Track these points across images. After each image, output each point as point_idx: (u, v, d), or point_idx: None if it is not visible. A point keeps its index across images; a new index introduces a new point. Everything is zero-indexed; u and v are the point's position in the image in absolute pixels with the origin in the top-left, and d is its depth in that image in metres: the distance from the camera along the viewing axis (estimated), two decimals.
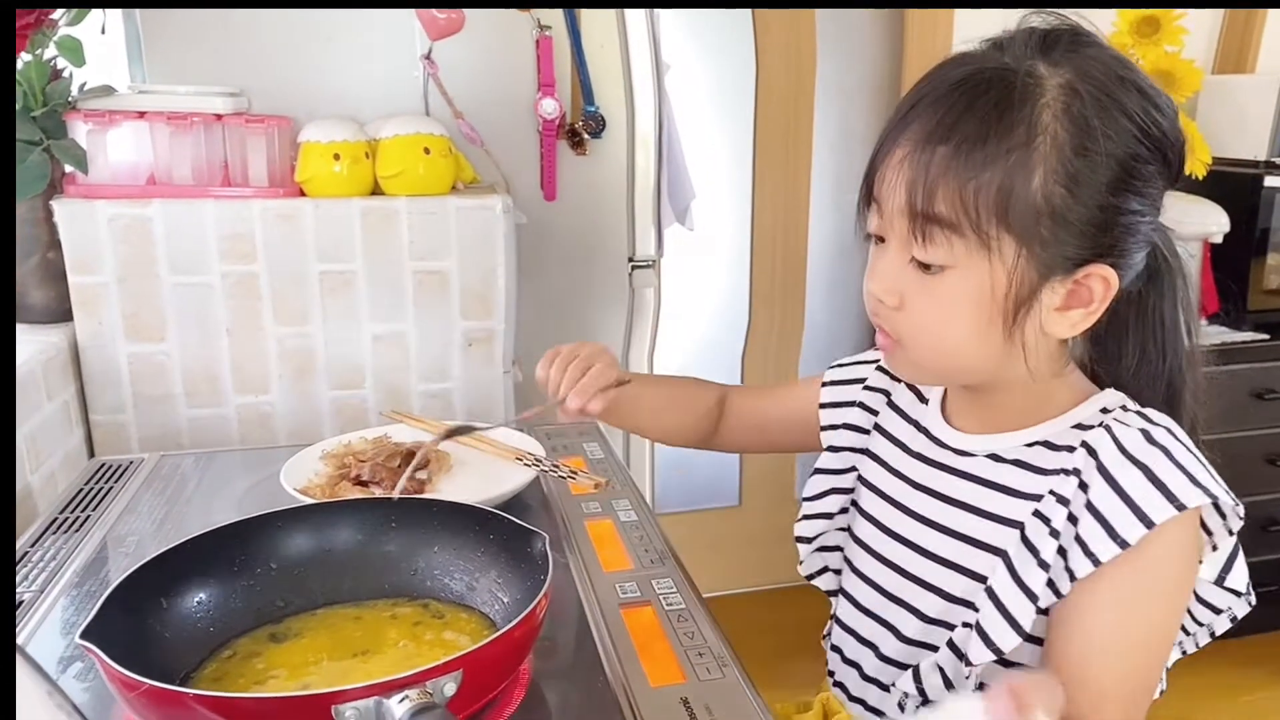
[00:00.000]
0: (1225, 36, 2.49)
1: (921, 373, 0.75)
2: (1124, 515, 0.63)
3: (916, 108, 0.66)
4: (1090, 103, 0.63)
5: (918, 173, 0.64)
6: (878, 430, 0.85)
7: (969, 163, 0.62)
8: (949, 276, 0.66)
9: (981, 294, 0.65)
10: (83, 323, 1.30)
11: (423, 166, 1.39)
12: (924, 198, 0.64)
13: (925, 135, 0.64)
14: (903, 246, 0.67)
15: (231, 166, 1.36)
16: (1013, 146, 0.62)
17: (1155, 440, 0.65)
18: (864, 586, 0.82)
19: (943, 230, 0.64)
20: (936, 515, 0.76)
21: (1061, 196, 0.63)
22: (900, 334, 0.70)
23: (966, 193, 0.63)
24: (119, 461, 1.16)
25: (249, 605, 0.77)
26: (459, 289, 1.41)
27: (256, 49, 1.53)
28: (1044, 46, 0.65)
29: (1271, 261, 2.26)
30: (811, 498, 0.87)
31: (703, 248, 2.37)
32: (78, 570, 0.89)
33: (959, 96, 0.64)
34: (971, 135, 0.63)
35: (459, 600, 0.79)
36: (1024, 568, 0.67)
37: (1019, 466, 0.71)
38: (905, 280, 0.68)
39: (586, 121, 1.69)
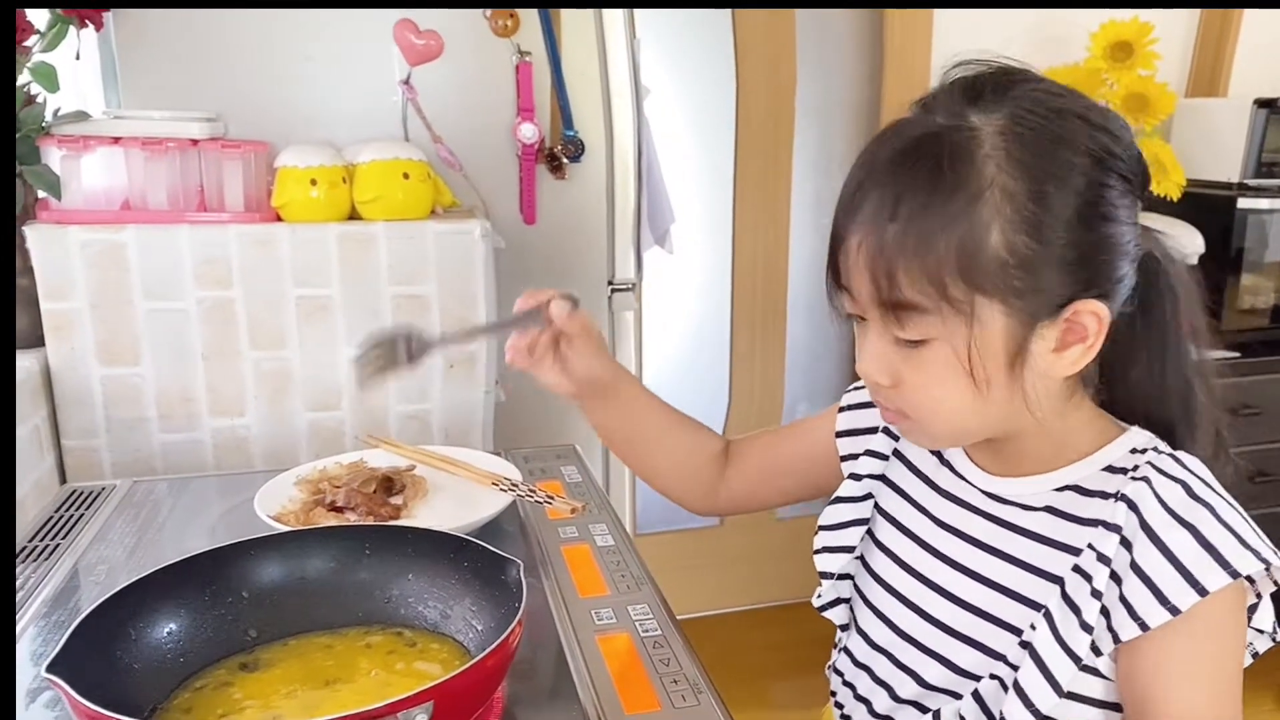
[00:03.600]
0: (1198, 60, 2.53)
1: (936, 440, 0.74)
2: (1174, 581, 0.61)
3: (861, 189, 0.64)
4: (1032, 143, 0.61)
5: (875, 260, 0.62)
6: (897, 456, 0.82)
7: (920, 238, 0.61)
8: (934, 348, 0.64)
9: (976, 355, 0.63)
10: (55, 348, 1.29)
11: (401, 191, 1.39)
12: (887, 285, 0.62)
13: (872, 218, 0.63)
14: (883, 328, 0.66)
15: (208, 192, 1.36)
16: (961, 208, 0.60)
17: (1197, 495, 0.63)
18: (878, 624, 0.79)
19: (916, 312, 0.63)
20: (968, 560, 0.73)
21: (1025, 244, 0.61)
22: (903, 410, 0.69)
23: (928, 269, 0.61)
24: (90, 488, 1.15)
25: (220, 635, 0.76)
26: (439, 312, 1.41)
27: (233, 74, 1.53)
28: (971, 95, 0.64)
29: (1246, 282, 2.29)
30: (831, 527, 0.82)
31: (683, 271, 2.38)
32: (46, 600, 0.88)
33: (897, 170, 0.63)
34: (917, 208, 0.61)
35: (433, 628, 0.78)
36: (1066, 627, 0.65)
37: (1052, 514, 0.69)
38: (893, 359, 0.66)
39: (565, 146, 1.70)
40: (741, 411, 2.52)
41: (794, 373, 2.55)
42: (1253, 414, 2.22)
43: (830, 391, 2.60)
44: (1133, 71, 2.22)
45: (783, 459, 0.92)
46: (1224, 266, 2.25)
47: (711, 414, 2.50)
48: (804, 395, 2.60)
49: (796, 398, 2.58)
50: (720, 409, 2.51)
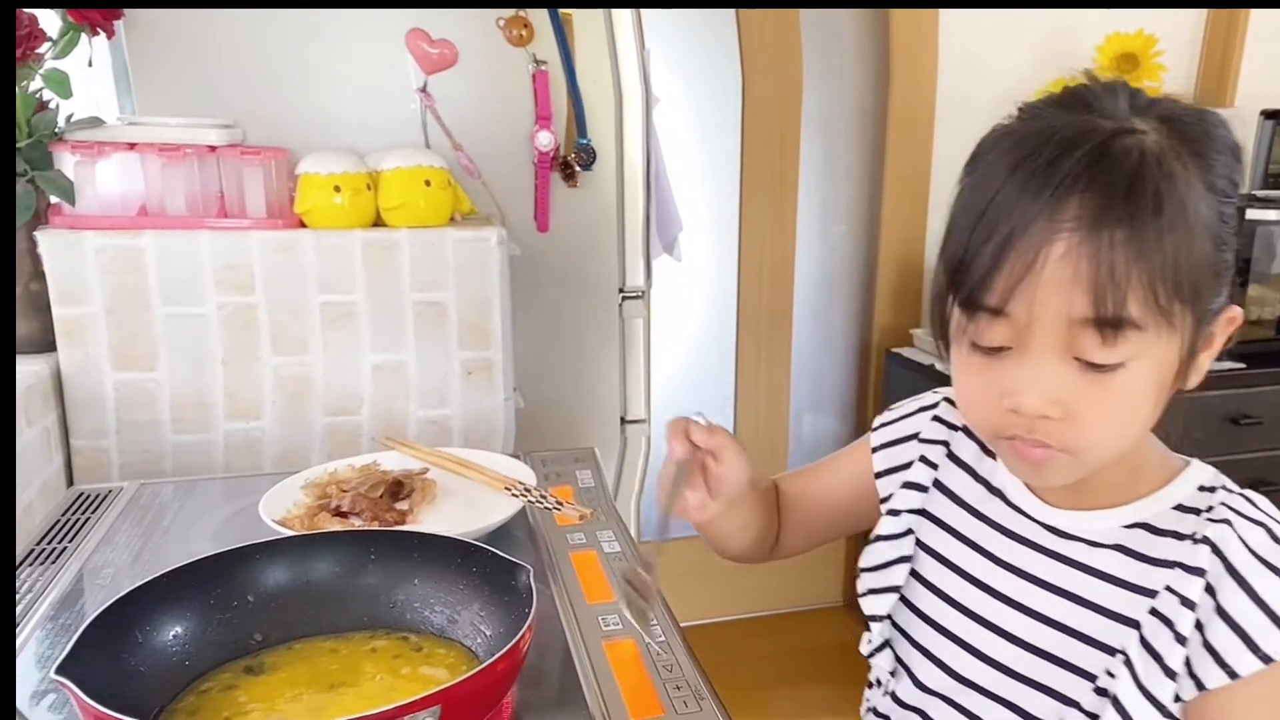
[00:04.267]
0: (1203, 71, 2.53)
1: (1077, 476, 0.65)
2: (1267, 628, 0.60)
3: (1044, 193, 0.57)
4: (1196, 142, 0.59)
5: (1100, 272, 0.55)
6: (937, 487, 0.77)
7: (1147, 246, 0.56)
8: (1131, 370, 0.59)
9: (1160, 375, 0.60)
10: (67, 353, 1.30)
11: (423, 199, 1.40)
12: (1112, 300, 0.56)
13: (1087, 223, 0.56)
14: (1062, 352, 0.59)
15: (228, 198, 1.37)
16: (1176, 213, 0.57)
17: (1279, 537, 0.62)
18: (929, 666, 0.75)
19: (1133, 330, 0.57)
20: (1032, 601, 0.69)
21: (1212, 250, 0.59)
22: (1068, 444, 0.62)
23: (1155, 280, 0.56)
24: (97, 490, 1.15)
25: (225, 638, 0.76)
26: (456, 319, 1.42)
27: (246, 82, 1.53)
28: (1132, 102, 0.60)
29: (1252, 293, 2.28)
30: (874, 568, 0.78)
31: (690, 278, 2.38)
32: (54, 603, 0.88)
33: (1095, 174, 0.56)
34: (1137, 211, 0.56)
35: (440, 633, 0.78)
36: (1149, 675, 0.63)
37: (1122, 553, 0.67)
38: (1072, 386, 0.59)
39: (578, 154, 1.70)
40: (747, 419, 2.52)
41: (799, 380, 2.55)
42: (1254, 423, 2.22)
43: (835, 399, 2.60)
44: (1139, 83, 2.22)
45: (825, 509, 0.88)
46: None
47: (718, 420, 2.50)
48: (808, 404, 2.60)
49: (801, 406, 2.58)
50: (727, 416, 2.51)
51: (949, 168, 2.33)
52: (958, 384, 0.67)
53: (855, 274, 2.50)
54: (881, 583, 0.78)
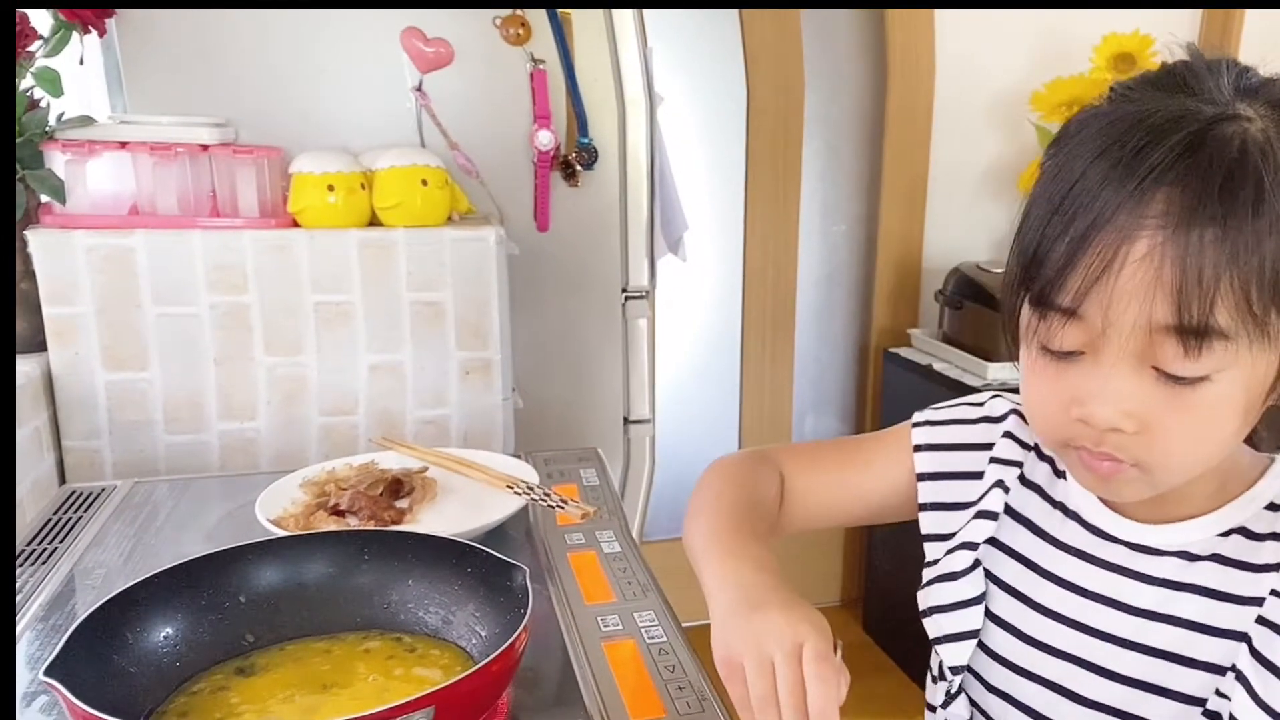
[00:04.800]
0: None
1: (1150, 492, 0.60)
2: None
3: (1128, 183, 0.52)
4: None
5: (1187, 277, 0.50)
6: (1008, 513, 0.70)
7: (1243, 247, 0.50)
8: (1216, 382, 0.53)
9: (1247, 390, 0.54)
10: (57, 353, 1.29)
11: (420, 198, 1.39)
12: (1200, 306, 0.50)
13: (1175, 221, 0.50)
14: (1139, 360, 0.54)
15: (220, 197, 1.35)
16: (1277, 216, 0.51)
17: None
18: (1013, 711, 0.69)
19: (1218, 339, 0.51)
20: (1122, 630, 0.64)
21: None
22: (1141, 459, 0.57)
23: (1247, 287, 0.51)
24: (89, 489, 1.13)
25: (217, 639, 0.75)
26: (454, 319, 1.41)
27: (239, 81, 1.53)
28: (1236, 85, 0.55)
29: None
30: (946, 608, 0.70)
31: (696, 278, 2.38)
32: (44, 604, 0.87)
33: (1188, 166, 0.51)
34: (1239, 210, 0.50)
35: (434, 634, 0.77)
36: (1266, 689, 0.57)
37: (1220, 563, 0.61)
38: (1147, 399, 0.54)
39: (579, 153, 1.69)
40: (752, 419, 2.51)
41: (801, 382, 2.54)
42: None
43: (836, 400, 2.59)
44: None
45: (846, 507, 0.80)
46: None
47: (722, 422, 2.49)
48: (811, 405, 2.59)
49: (805, 407, 2.58)
50: (731, 416, 2.50)
51: (946, 169, 2.32)
52: (1025, 387, 0.62)
53: (854, 274, 2.50)
54: (958, 627, 0.70)
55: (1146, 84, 0.56)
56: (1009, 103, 2.33)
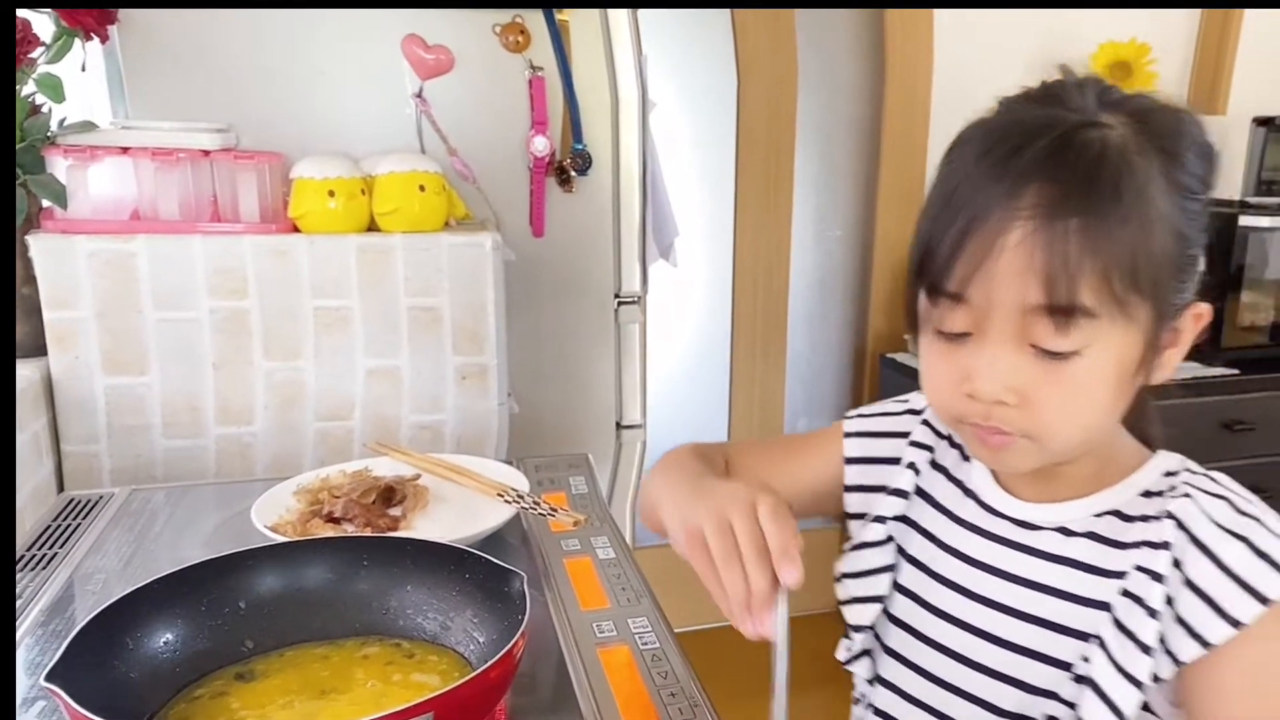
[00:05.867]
0: (1196, 78, 2.54)
1: (1038, 462, 0.65)
2: (1234, 593, 0.59)
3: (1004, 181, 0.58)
4: (1165, 139, 0.60)
5: (1054, 260, 0.56)
6: (920, 495, 0.77)
7: (1102, 236, 0.56)
8: (1086, 357, 0.59)
9: (1117, 366, 0.60)
10: (57, 357, 1.29)
11: (418, 203, 1.40)
12: (1066, 286, 0.56)
13: (1044, 212, 0.57)
14: (1018, 339, 0.60)
15: (221, 202, 1.36)
16: (1133, 206, 0.57)
17: (1243, 510, 0.61)
18: (911, 674, 0.74)
19: (1085, 318, 0.58)
20: (1006, 597, 0.69)
21: (1173, 243, 0.59)
22: (1027, 430, 0.62)
23: (1108, 270, 0.57)
24: (88, 496, 1.14)
25: (217, 645, 0.75)
26: (450, 324, 1.41)
27: (241, 87, 1.53)
28: (1100, 98, 0.61)
29: (1246, 299, 2.29)
30: (857, 575, 0.77)
31: (686, 283, 2.39)
32: (44, 609, 0.88)
33: (1056, 163, 0.57)
34: (1100, 201, 0.56)
35: (432, 640, 0.78)
36: (1124, 654, 0.62)
37: (1094, 540, 0.66)
38: (1027, 373, 0.60)
39: (574, 159, 1.70)
40: (742, 423, 2.51)
41: (793, 385, 2.55)
42: (1247, 429, 2.22)
43: (830, 404, 2.60)
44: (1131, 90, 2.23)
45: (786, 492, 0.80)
46: (1224, 284, 2.25)
47: (713, 425, 2.50)
48: (803, 409, 2.60)
49: (796, 411, 2.59)
50: (721, 420, 2.51)
51: None
52: (922, 369, 0.67)
53: (850, 279, 2.51)
54: (864, 591, 0.76)
55: (1024, 98, 0.64)
56: None
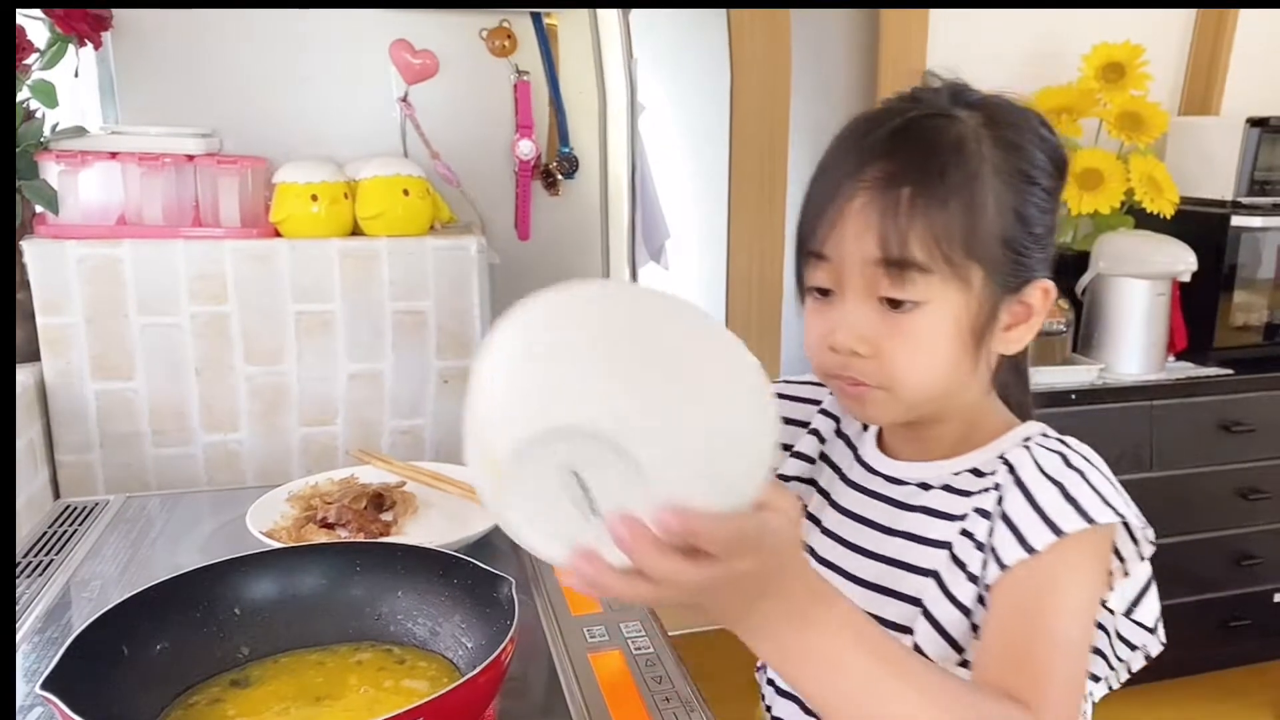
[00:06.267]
0: (1190, 78, 2.55)
1: (895, 413, 0.73)
2: (1035, 525, 0.64)
3: (859, 158, 0.68)
4: (1007, 133, 0.69)
5: (885, 218, 0.65)
6: (824, 460, 0.85)
7: (933, 201, 0.65)
8: (923, 312, 0.67)
9: (954, 324, 0.67)
10: (50, 362, 1.30)
11: (402, 207, 1.40)
12: (897, 243, 0.65)
13: (881, 182, 0.66)
14: (866, 293, 0.68)
15: (203, 207, 1.37)
16: (965, 180, 0.66)
17: (1072, 464, 0.67)
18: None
19: (918, 271, 0.66)
20: (869, 543, 0.76)
21: (1010, 220, 0.68)
22: (879, 380, 0.69)
23: (937, 230, 0.65)
24: (84, 504, 1.15)
25: (213, 651, 0.76)
26: (435, 328, 1.42)
27: (230, 92, 1.54)
28: (951, 96, 0.71)
29: (1238, 299, 2.30)
30: None
31: (678, 286, 2.39)
32: (40, 616, 0.88)
33: (905, 141, 0.67)
34: (928, 174, 0.66)
35: (422, 645, 0.78)
36: (954, 583, 0.69)
37: (947, 491, 0.73)
38: (875, 325, 0.68)
39: (560, 163, 1.71)
40: None
41: None
42: (1246, 431, 2.22)
43: None
44: (1124, 92, 2.23)
45: None
46: (1216, 284, 2.26)
47: None
48: None
49: None
50: None
51: None
52: (805, 331, 0.74)
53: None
54: None
55: (895, 98, 0.73)
56: None
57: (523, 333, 0.46)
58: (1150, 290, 2.16)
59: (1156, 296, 2.17)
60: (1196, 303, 2.25)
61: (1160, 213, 2.21)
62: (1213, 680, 2.33)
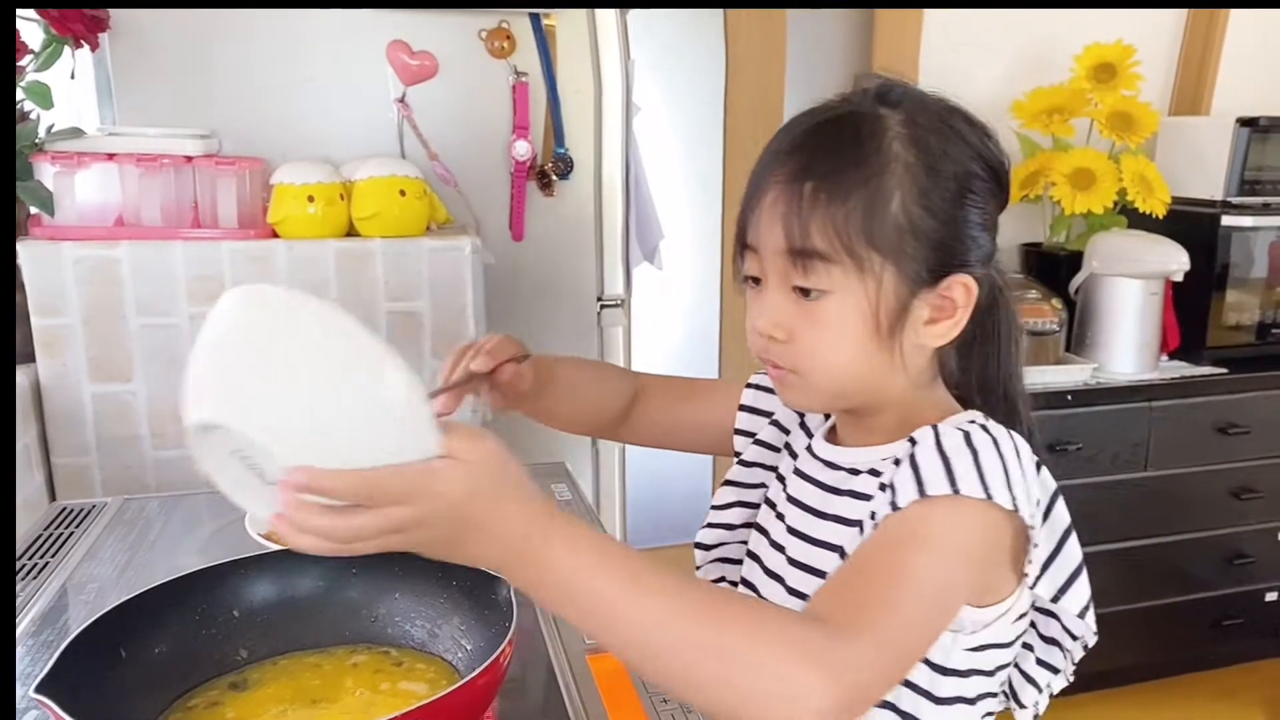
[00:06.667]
0: (1181, 79, 2.56)
1: (814, 399, 0.77)
2: (908, 486, 0.65)
3: (778, 155, 0.71)
4: (929, 130, 0.70)
5: (789, 210, 0.69)
6: (787, 450, 0.87)
7: (833, 193, 0.68)
8: (830, 301, 0.70)
9: (862, 313, 0.69)
10: (45, 364, 1.29)
11: (398, 208, 1.40)
12: (799, 232, 0.68)
13: (790, 176, 0.69)
14: (782, 281, 0.71)
15: (201, 208, 1.36)
16: (870, 174, 0.68)
17: (972, 443, 0.66)
18: (743, 587, 0.84)
19: (820, 261, 0.68)
20: (806, 527, 0.78)
21: (919, 214, 0.69)
22: (793, 364, 0.73)
23: (837, 222, 0.68)
24: (81, 505, 1.14)
25: (210, 654, 0.76)
26: (430, 329, 1.42)
27: (228, 93, 1.53)
28: (879, 94, 0.73)
29: (1231, 298, 2.31)
30: (718, 506, 0.89)
31: (673, 286, 2.39)
32: (35, 619, 0.88)
33: (815, 139, 0.71)
34: (834, 169, 0.69)
35: (420, 648, 0.79)
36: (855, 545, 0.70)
37: (872, 474, 0.74)
38: (789, 313, 0.71)
39: (555, 164, 1.71)
40: None
41: None
42: (1241, 432, 2.24)
43: None
44: (1116, 92, 2.24)
45: (684, 418, 0.98)
46: (1208, 283, 2.27)
47: None
48: None
49: None
50: None
51: None
52: None
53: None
54: (718, 519, 0.88)
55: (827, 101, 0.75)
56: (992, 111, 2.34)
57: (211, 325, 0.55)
58: (1143, 289, 2.17)
59: (1149, 296, 2.18)
60: (1190, 302, 2.26)
61: (1152, 212, 2.23)
62: (1205, 679, 2.34)
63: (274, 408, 0.51)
